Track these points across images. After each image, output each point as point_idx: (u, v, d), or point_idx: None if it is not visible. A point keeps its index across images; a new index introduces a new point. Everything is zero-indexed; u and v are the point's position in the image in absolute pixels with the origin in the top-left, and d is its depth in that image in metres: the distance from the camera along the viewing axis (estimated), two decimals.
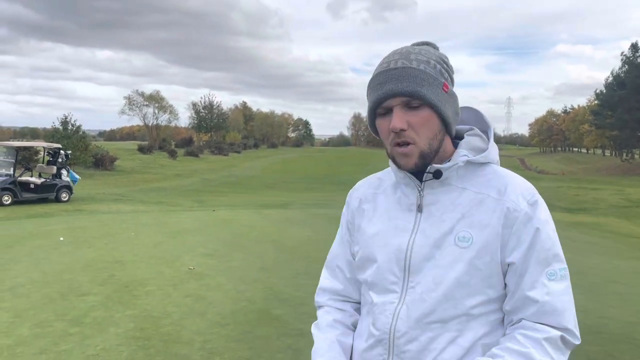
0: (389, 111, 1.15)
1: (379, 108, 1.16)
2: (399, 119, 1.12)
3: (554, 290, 1.10)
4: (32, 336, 4.30)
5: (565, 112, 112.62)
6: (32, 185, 19.22)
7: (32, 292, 5.67)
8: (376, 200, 1.30)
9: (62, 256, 7.77)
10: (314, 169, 54.72)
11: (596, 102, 68.10)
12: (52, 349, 4.02)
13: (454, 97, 1.19)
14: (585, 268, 8.23)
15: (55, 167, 20.10)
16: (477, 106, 1.34)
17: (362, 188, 1.37)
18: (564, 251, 1.13)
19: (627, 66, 58.93)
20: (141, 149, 56.23)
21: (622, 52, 60.30)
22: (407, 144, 1.14)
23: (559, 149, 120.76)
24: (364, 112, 1.26)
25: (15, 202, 18.25)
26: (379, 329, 1.18)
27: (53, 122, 38.01)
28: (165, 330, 4.48)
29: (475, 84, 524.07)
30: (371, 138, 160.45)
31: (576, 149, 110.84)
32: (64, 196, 19.79)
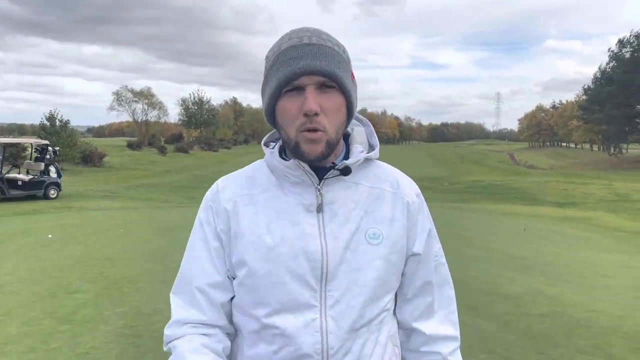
0: (297, 91, 1.02)
1: (287, 86, 1.02)
2: (314, 100, 1.00)
3: (442, 269, 1.22)
4: (20, 334, 4.26)
5: (553, 107, 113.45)
6: (19, 182, 19.01)
7: (21, 290, 5.61)
8: (256, 202, 1.10)
9: (51, 253, 7.70)
10: None
11: (584, 97, 68.59)
12: (41, 347, 3.98)
13: (356, 88, 1.13)
14: (574, 262, 8.31)
15: (43, 164, 19.89)
16: (467, 101, 1.29)
17: (231, 188, 1.14)
18: (554, 246, 1.14)
19: (614, 62, 59.37)
20: (130, 145, 55.89)
21: (610, 48, 60.82)
22: (317, 130, 1.02)
23: (548, 144, 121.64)
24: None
25: (3, 199, 18.05)
26: (306, 352, 1.03)
27: (41, 119, 37.54)
28: (156, 327, 4.45)
29: (465, 79, 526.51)
30: None
31: (564, 144, 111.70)
32: (53, 193, 19.60)
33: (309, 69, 1.00)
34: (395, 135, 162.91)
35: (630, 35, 56.88)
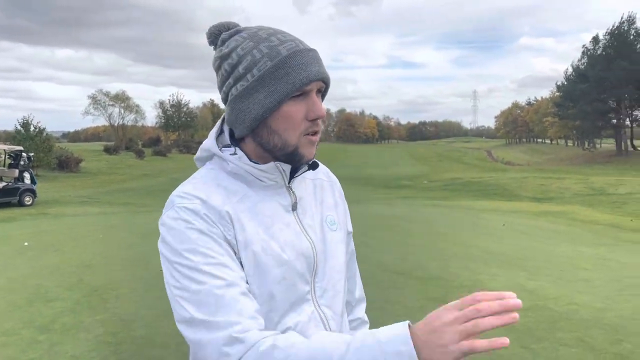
0: (303, 96, 1.03)
1: (297, 91, 1.02)
2: (321, 105, 1.05)
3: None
4: None
5: (529, 104, 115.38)
6: None
7: None
8: (243, 211, 1.04)
9: (28, 261, 7.54)
10: None
11: (558, 94, 69.83)
12: (20, 357, 3.88)
13: None
14: (554, 256, 8.44)
15: (17, 171, 19.48)
16: (444, 99, 1.32)
17: (217, 196, 1.03)
18: (533, 241, 1.15)
19: (586, 58, 60.57)
20: (107, 150, 55.25)
21: (584, 45, 62.02)
22: (316, 133, 1.07)
23: (524, 140, 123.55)
24: (333, 108, 1.17)
25: None
26: None
27: (15, 125, 36.77)
28: (138, 333, 4.38)
29: (442, 78, 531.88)
30: (341, 133, 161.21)
31: (540, 140, 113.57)
32: (28, 200, 19.20)
33: (320, 76, 1.02)
34: (374, 135, 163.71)
35: (606, 33, 58.16)
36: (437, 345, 0.78)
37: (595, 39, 59.96)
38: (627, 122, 60.72)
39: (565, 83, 64.45)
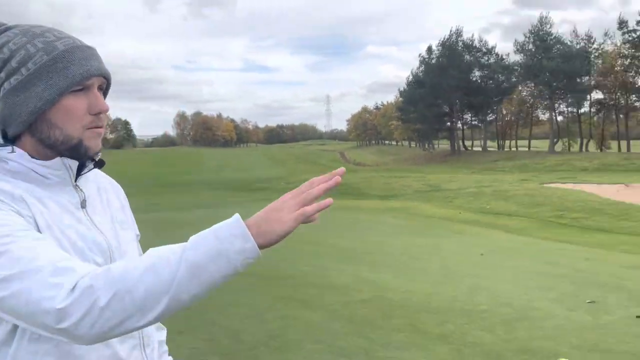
0: (83, 91, 1.02)
1: (77, 85, 1.00)
2: (104, 100, 1.06)
3: None
4: None
5: (377, 108, 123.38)
6: None
7: None
8: (35, 202, 0.99)
9: None
10: (139, 172, 51.71)
11: (401, 99, 75.78)
12: None
13: None
14: (394, 248, 9.13)
15: None
16: (300, 104, 1.34)
17: (7, 185, 0.97)
18: (377, 235, 1.24)
19: (423, 66, 66.58)
20: None
21: (420, 54, 68.09)
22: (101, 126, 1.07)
23: (374, 142, 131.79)
24: (189, 110, 1.12)
25: None
26: (132, 336, 1.07)
27: None
28: None
29: (297, 82, 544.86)
30: (197, 137, 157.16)
31: (388, 142, 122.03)
32: None
33: (100, 71, 1.03)
34: (233, 138, 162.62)
35: (438, 44, 64.42)
36: (275, 219, 0.92)
37: (429, 49, 66.14)
38: (459, 125, 67.93)
39: (407, 89, 70.15)
